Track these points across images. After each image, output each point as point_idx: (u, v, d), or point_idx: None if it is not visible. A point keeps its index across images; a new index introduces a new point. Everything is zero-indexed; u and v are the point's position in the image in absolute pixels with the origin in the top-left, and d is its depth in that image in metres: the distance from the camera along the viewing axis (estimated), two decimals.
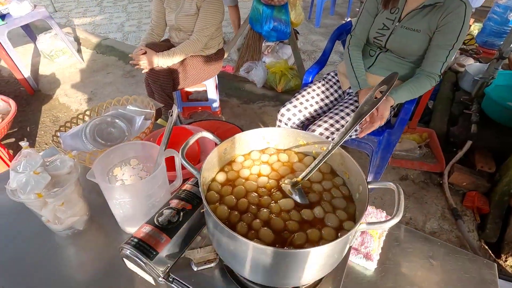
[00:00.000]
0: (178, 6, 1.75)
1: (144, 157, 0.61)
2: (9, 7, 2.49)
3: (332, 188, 0.46)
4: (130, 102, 0.85)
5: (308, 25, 3.95)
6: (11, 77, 2.94)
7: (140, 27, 3.94)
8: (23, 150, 0.51)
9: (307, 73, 1.65)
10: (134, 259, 0.46)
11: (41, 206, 0.51)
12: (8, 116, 1.57)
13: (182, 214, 0.51)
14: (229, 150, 0.50)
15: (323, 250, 0.33)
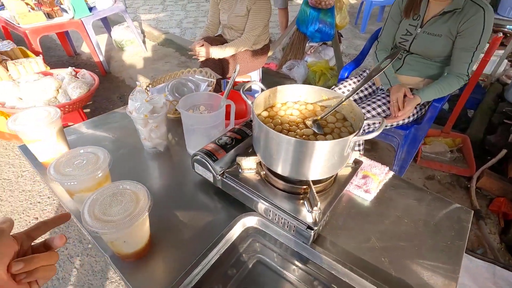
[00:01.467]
0: (230, 8, 2.00)
1: (209, 104, 0.85)
2: (95, 1, 2.98)
3: (342, 126, 0.65)
4: (197, 72, 1.11)
5: (354, 30, 4.05)
6: (89, 60, 3.48)
7: (196, 24, 4.35)
8: (136, 88, 0.78)
9: (344, 69, 1.81)
10: (203, 161, 0.69)
11: (144, 124, 0.77)
12: (93, 87, 1.96)
13: (234, 140, 0.74)
14: (272, 97, 0.71)
15: (326, 144, 0.53)
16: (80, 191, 0.59)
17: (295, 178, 0.62)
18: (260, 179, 0.68)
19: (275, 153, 0.59)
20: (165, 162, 0.86)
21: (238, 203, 0.70)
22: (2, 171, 1.97)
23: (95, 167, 0.59)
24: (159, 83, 1.06)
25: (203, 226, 0.67)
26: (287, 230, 0.62)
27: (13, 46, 2.38)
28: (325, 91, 0.71)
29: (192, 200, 0.74)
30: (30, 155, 0.81)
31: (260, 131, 0.60)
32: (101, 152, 0.61)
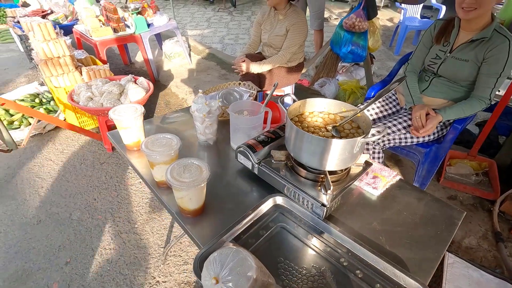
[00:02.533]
0: (271, 28, 2.26)
1: (251, 110, 1.08)
2: (153, 19, 3.43)
3: (355, 132, 0.84)
4: (241, 85, 1.34)
5: (387, 51, 4.16)
6: (141, 68, 3.94)
7: (236, 41, 4.72)
8: (199, 94, 1.02)
9: (371, 88, 1.97)
10: (245, 152, 0.91)
11: (201, 122, 1.01)
12: (149, 92, 2.30)
13: (269, 139, 0.95)
14: (302, 107, 0.92)
15: (339, 142, 0.72)
16: (159, 163, 0.83)
17: (315, 168, 0.81)
18: (287, 168, 0.88)
19: (301, 147, 0.78)
20: (214, 152, 1.09)
21: (268, 187, 0.90)
22: (69, 158, 2.35)
23: (171, 147, 0.82)
24: (212, 91, 1.31)
25: (242, 200, 0.88)
26: (306, 207, 0.80)
27: (86, 55, 2.83)
28: (345, 104, 0.90)
29: (234, 182, 0.95)
30: (116, 139, 1.08)
31: (291, 130, 0.80)
32: (175, 138, 0.85)
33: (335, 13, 6.05)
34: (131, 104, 0.99)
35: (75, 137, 2.58)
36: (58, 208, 1.91)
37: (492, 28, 1.36)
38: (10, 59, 4.14)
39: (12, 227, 1.79)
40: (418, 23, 4.04)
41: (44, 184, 2.10)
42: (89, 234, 1.76)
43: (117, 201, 1.97)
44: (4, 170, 2.21)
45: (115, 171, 2.22)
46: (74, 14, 3.95)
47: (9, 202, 1.95)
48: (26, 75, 3.71)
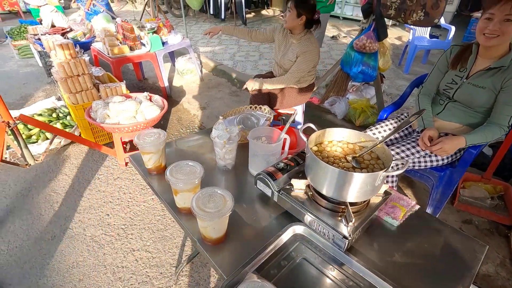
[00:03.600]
0: (284, 50, 2.30)
1: (269, 136, 1.10)
2: (168, 38, 3.54)
3: (375, 164, 0.85)
4: (258, 109, 1.38)
5: (397, 70, 4.19)
6: (154, 84, 4.04)
7: (247, 58, 4.82)
8: (219, 120, 1.06)
9: (383, 110, 1.98)
10: (265, 179, 0.92)
11: (221, 147, 1.03)
12: (163, 110, 2.35)
13: (288, 166, 0.97)
14: (321, 136, 0.94)
15: (361, 176, 0.73)
16: (182, 191, 0.85)
17: (336, 199, 0.82)
18: (307, 197, 0.90)
19: (322, 179, 0.80)
20: (232, 177, 1.11)
21: (287, 214, 0.91)
22: (84, 173, 2.40)
23: (195, 176, 0.85)
24: (230, 115, 1.34)
25: (261, 227, 0.89)
26: (327, 238, 0.81)
27: (103, 72, 2.93)
28: (364, 135, 0.92)
29: (252, 208, 0.97)
30: (138, 162, 1.11)
31: (312, 161, 0.82)
32: (198, 166, 0.88)
33: (343, 31, 6.16)
34: (154, 130, 1.03)
35: (90, 152, 2.63)
36: (72, 223, 1.94)
37: (510, 57, 1.37)
38: (30, 74, 4.30)
39: (28, 242, 1.81)
40: (427, 42, 4.09)
41: (59, 198, 2.14)
42: (102, 251, 1.77)
43: (129, 217, 2.00)
44: (21, 184, 2.26)
45: (128, 186, 2.26)
46: (92, 32, 4.11)
47: (26, 216, 1.98)
48: (44, 89, 3.84)
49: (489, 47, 1.38)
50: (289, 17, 2.03)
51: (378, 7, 2.63)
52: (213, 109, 3.39)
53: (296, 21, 2.04)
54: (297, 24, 2.06)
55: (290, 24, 2.07)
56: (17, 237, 1.84)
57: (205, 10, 7.30)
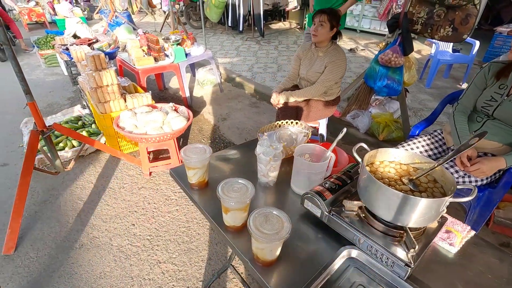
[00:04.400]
0: (310, 64, 2.31)
1: (313, 154, 1.08)
2: (191, 49, 3.61)
3: (433, 187, 0.82)
4: (296, 125, 1.36)
5: (418, 84, 4.13)
6: (175, 94, 4.10)
7: (265, 69, 4.86)
8: (263, 137, 1.05)
9: (415, 127, 1.94)
10: (314, 199, 0.90)
11: (265, 164, 1.02)
12: (189, 121, 2.37)
13: (337, 186, 0.94)
14: (373, 156, 0.91)
15: (427, 201, 0.70)
16: (233, 210, 0.83)
17: (394, 223, 0.79)
18: (359, 219, 0.87)
19: (381, 201, 0.77)
20: (273, 194, 1.09)
21: (335, 235, 0.88)
22: (109, 181, 2.42)
23: (246, 194, 0.83)
24: (267, 130, 1.34)
25: (312, 249, 0.86)
26: (385, 264, 0.78)
27: (129, 82, 2.99)
28: (418, 156, 0.89)
29: (299, 228, 0.94)
30: (180, 176, 1.11)
31: (369, 182, 0.79)
32: (249, 184, 0.87)
33: (361, 44, 6.16)
34: (199, 145, 1.03)
35: (114, 161, 2.66)
36: (99, 232, 1.95)
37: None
38: (55, 82, 4.44)
39: (56, 249, 1.82)
40: (450, 57, 4.03)
41: (85, 207, 2.16)
42: (129, 262, 1.76)
43: (154, 228, 1.99)
44: (50, 191, 2.30)
45: (152, 196, 2.26)
46: (116, 43, 4.23)
47: (54, 224, 2.00)
48: (69, 98, 3.94)
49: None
50: (322, 30, 2.05)
51: (405, 22, 2.61)
52: (233, 120, 3.41)
53: (329, 34, 2.08)
54: (329, 36, 2.10)
55: (323, 38, 2.09)
56: (46, 244, 1.86)
57: (222, 22, 7.44)
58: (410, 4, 2.67)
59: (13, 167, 2.57)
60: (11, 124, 3.21)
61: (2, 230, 1.93)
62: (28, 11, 7.70)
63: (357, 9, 6.81)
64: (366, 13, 6.72)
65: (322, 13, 2.09)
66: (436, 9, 2.57)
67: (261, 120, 3.39)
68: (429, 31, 2.65)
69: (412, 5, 2.69)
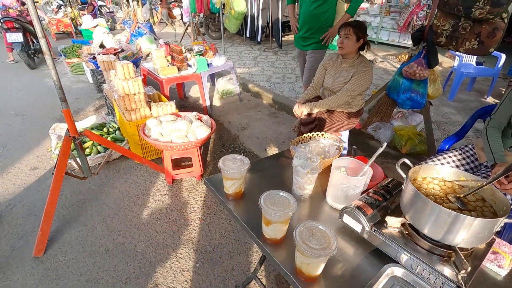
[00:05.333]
0: (335, 74, 2.31)
1: (349, 167, 1.08)
2: (213, 60, 3.69)
3: (482, 206, 0.80)
4: (324, 137, 1.36)
5: (441, 97, 4.05)
6: (195, 103, 4.18)
7: (284, 80, 4.89)
8: (300, 149, 1.05)
9: (445, 141, 1.90)
10: (355, 214, 0.89)
11: (302, 176, 1.02)
12: (212, 130, 2.40)
13: (377, 201, 0.93)
14: (416, 172, 0.90)
15: (481, 221, 0.68)
16: (275, 222, 0.84)
17: (443, 242, 0.77)
18: (402, 236, 0.85)
19: (428, 219, 0.76)
20: (308, 207, 1.08)
21: (376, 252, 0.87)
22: (133, 187, 2.47)
23: (289, 208, 0.83)
24: (298, 143, 1.34)
25: (353, 266, 0.85)
26: (433, 284, 0.75)
27: (154, 91, 3.08)
28: (464, 173, 0.87)
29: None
30: (215, 186, 1.12)
31: (416, 199, 0.78)
32: (290, 197, 0.87)
33: (379, 55, 6.13)
34: (238, 156, 1.04)
35: (137, 167, 2.72)
36: (124, 238, 1.98)
37: None
38: (81, 90, 4.61)
39: (83, 253, 1.86)
40: (473, 70, 3.96)
41: (110, 212, 2.20)
42: (153, 269, 1.77)
43: (178, 236, 2.00)
44: (76, 195, 2.36)
45: (175, 204, 2.28)
46: (140, 52, 4.38)
47: (81, 228, 2.05)
48: (94, 104, 4.08)
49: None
50: (348, 42, 2.07)
51: (430, 35, 2.59)
52: (253, 129, 3.43)
53: (355, 45, 2.10)
54: (355, 48, 2.11)
55: (349, 49, 2.10)
56: (73, 248, 1.90)
57: (241, 32, 7.59)
58: (435, 16, 2.65)
59: (42, 171, 2.67)
60: (41, 129, 3.35)
61: (32, 232, 1.99)
62: (56, 22, 8.09)
63: (376, 21, 6.81)
64: (384, 25, 6.70)
65: (347, 25, 2.11)
66: (461, 22, 2.55)
67: (281, 130, 3.40)
68: (454, 43, 2.62)
69: (436, 18, 2.67)
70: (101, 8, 10.16)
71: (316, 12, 2.85)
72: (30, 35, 5.87)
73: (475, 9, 2.32)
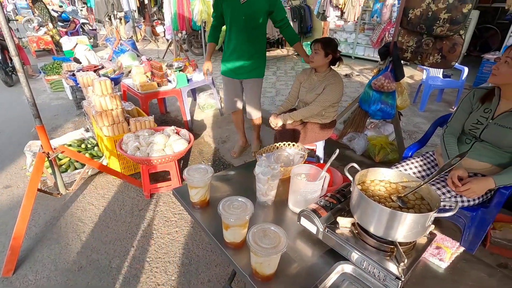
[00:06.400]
0: (310, 87, 2.43)
1: (308, 174, 1.15)
2: (193, 75, 3.77)
3: (420, 204, 0.87)
4: (290, 146, 1.44)
5: (412, 108, 4.27)
6: (176, 118, 4.21)
7: (264, 94, 5.01)
8: (262, 157, 1.11)
9: (408, 148, 2.02)
10: (310, 217, 0.95)
11: (264, 183, 1.08)
12: (190, 144, 2.45)
13: (331, 204, 1.00)
14: (364, 175, 0.98)
15: (413, 216, 0.76)
16: (233, 226, 0.88)
17: (385, 238, 0.84)
18: (353, 235, 0.91)
19: (371, 218, 0.83)
20: (271, 212, 1.14)
21: (330, 252, 0.93)
22: (110, 203, 2.45)
23: (246, 212, 0.89)
24: (265, 152, 1.41)
25: (308, 265, 0.90)
26: (377, 278, 0.81)
27: (133, 106, 3.11)
28: (406, 175, 0.96)
29: (295, 244, 0.98)
30: (182, 196, 1.16)
31: (361, 200, 0.85)
32: (248, 202, 0.92)
33: (356, 69, 6.40)
34: (202, 166, 1.09)
35: (115, 182, 2.70)
36: (99, 254, 1.95)
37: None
38: (60, 106, 4.57)
39: (55, 272, 1.82)
40: (441, 82, 4.21)
41: (85, 228, 2.17)
42: (128, 285, 1.76)
43: (154, 250, 2.00)
44: (51, 212, 2.32)
45: (152, 218, 2.28)
46: (121, 69, 4.42)
47: (54, 246, 2.01)
48: (73, 121, 4.05)
49: (504, 88, 1.46)
50: (317, 57, 2.21)
51: (395, 50, 2.78)
52: (233, 142, 3.49)
53: (323, 60, 2.24)
54: (324, 62, 2.25)
55: (318, 63, 2.24)
56: (44, 267, 1.86)
57: (223, 49, 7.76)
58: (399, 34, 2.85)
59: (15, 189, 2.61)
60: (16, 147, 3.28)
61: (2, 252, 1.94)
62: (37, 39, 8.04)
63: (351, 37, 7.16)
64: (360, 41, 7.05)
65: (317, 42, 2.26)
66: (424, 39, 2.75)
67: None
68: (419, 58, 2.81)
69: (401, 35, 2.87)
70: (83, 25, 10.19)
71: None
72: (8, 53, 5.80)
73: (436, 27, 2.52)
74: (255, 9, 2.42)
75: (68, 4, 13.20)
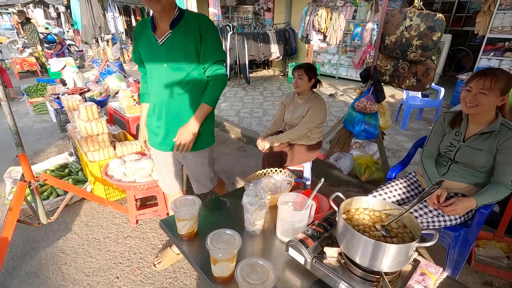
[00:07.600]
0: (294, 110, 2.51)
1: (295, 202, 1.16)
2: None
3: (403, 232, 0.90)
4: (277, 172, 1.46)
5: (395, 126, 4.42)
6: None
7: (252, 114, 5.09)
8: (249, 187, 1.13)
9: (392, 170, 2.08)
10: (298, 247, 0.96)
11: (252, 213, 1.09)
12: None
13: (318, 233, 1.01)
14: (349, 204, 1.00)
15: (395, 247, 0.78)
16: (221, 260, 0.88)
17: (371, 268, 0.85)
18: (340, 265, 0.92)
19: (356, 248, 0.84)
20: (259, 242, 1.14)
21: (319, 282, 0.93)
22: (93, 231, 2.37)
23: (234, 246, 0.89)
24: (253, 179, 1.42)
25: None
26: None
27: (119, 130, 3.08)
28: (389, 203, 0.99)
29: (283, 275, 0.98)
30: (169, 228, 1.15)
31: (346, 231, 0.87)
32: (236, 235, 0.93)
33: (340, 89, 6.62)
34: (189, 197, 1.09)
35: (100, 209, 2.63)
36: (81, 287, 1.86)
37: (499, 123, 1.51)
38: (43, 129, 4.47)
39: None
40: (420, 101, 4.40)
41: (67, 259, 2.08)
42: None
43: (140, 280, 1.93)
44: (30, 243, 2.22)
45: (138, 246, 2.22)
46: (107, 91, 4.41)
47: (32, 280, 1.91)
48: (57, 145, 3.96)
49: (474, 114, 1.54)
50: (302, 82, 2.32)
51: (375, 74, 2.91)
52: (221, 164, 3.49)
53: (307, 84, 2.35)
54: (308, 86, 2.36)
55: (303, 88, 2.34)
56: None
57: None
58: (378, 58, 3.00)
59: None
60: None
61: None
62: (21, 61, 7.95)
63: (335, 59, 7.45)
64: (342, 62, 7.34)
65: (299, 68, 2.35)
66: (400, 63, 2.90)
67: (249, 163, 3.49)
68: (396, 81, 2.96)
69: (379, 59, 3.02)
70: (70, 47, 10.18)
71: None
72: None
73: (410, 52, 2.68)
74: (179, 50, 1.46)
75: (55, 25, 13.23)
